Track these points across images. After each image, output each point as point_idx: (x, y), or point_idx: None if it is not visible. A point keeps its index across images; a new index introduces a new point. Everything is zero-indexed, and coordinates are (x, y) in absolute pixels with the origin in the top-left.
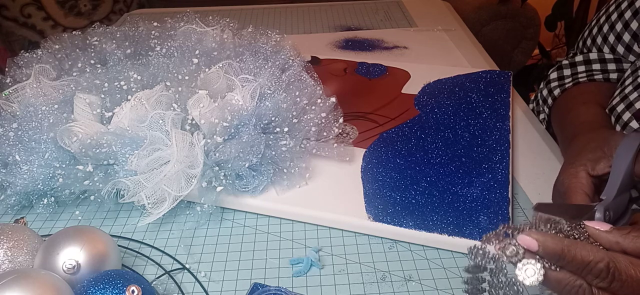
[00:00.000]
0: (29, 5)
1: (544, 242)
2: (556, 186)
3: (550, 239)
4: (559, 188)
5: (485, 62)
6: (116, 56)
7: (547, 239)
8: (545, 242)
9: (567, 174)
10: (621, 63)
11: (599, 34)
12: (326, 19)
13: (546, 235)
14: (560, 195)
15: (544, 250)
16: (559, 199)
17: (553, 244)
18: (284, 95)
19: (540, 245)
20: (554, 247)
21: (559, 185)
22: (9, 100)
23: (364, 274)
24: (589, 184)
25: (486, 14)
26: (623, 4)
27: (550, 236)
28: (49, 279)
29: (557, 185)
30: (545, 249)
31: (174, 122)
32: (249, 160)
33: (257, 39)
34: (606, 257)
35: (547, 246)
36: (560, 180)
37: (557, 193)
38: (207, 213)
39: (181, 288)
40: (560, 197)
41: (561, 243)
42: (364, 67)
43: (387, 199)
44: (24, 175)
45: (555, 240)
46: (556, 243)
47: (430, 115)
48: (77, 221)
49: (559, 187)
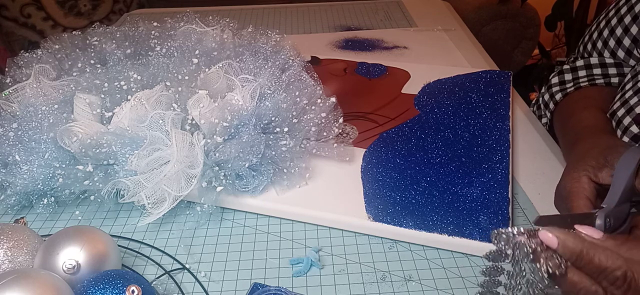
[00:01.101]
0: (29, 5)
1: (564, 241)
2: (558, 190)
3: (571, 238)
4: (561, 192)
5: (485, 62)
6: (116, 56)
7: (568, 238)
8: (566, 241)
9: (569, 179)
10: (622, 67)
11: (600, 38)
12: (326, 19)
13: (568, 233)
14: (562, 199)
15: (564, 248)
16: (561, 203)
17: (573, 243)
18: (284, 95)
19: (560, 243)
20: (573, 247)
21: (561, 189)
22: (9, 100)
23: (364, 274)
24: (591, 189)
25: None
26: (623, 9)
27: (571, 235)
28: (49, 279)
29: (560, 190)
30: (565, 247)
31: (174, 122)
32: (249, 160)
33: (257, 39)
34: (624, 266)
35: (567, 245)
36: (563, 184)
37: (560, 197)
38: (207, 213)
39: (181, 288)
40: (563, 201)
41: (581, 244)
42: (364, 67)
43: (387, 199)
44: (24, 175)
45: (576, 240)
46: (576, 243)
47: (430, 115)
48: (77, 221)
49: (562, 191)
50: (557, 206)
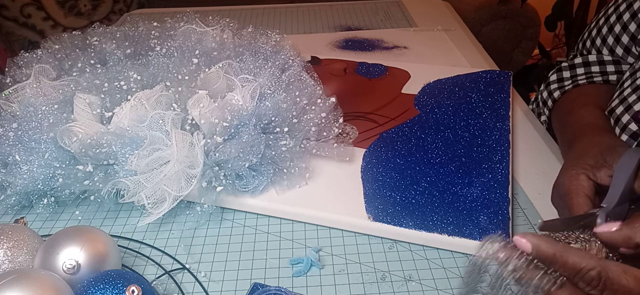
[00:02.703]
0: (29, 5)
1: (537, 246)
2: (556, 187)
3: (544, 243)
4: (559, 189)
5: (485, 62)
6: (116, 56)
7: (541, 243)
8: (539, 246)
9: (567, 176)
10: (620, 65)
11: (598, 36)
12: (326, 19)
13: (541, 238)
14: (560, 197)
15: (537, 253)
16: (559, 200)
17: (546, 247)
18: (284, 95)
19: (534, 248)
20: (546, 251)
21: (559, 187)
22: (9, 100)
23: (364, 274)
24: (590, 187)
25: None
26: (621, 6)
27: (544, 240)
28: (49, 279)
29: (557, 187)
30: (538, 252)
31: (174, 122)
32: (249, 160)
33: (257, 39)
34: (598, 266)
35: (540, 249)
36: (561, 182)
37: (557, 195)
38: (207, 213)
39: (181, 288)
40: (561, 198)
41: (554, 247)
42: (364, 67)
43: (387, 199)
44: (24, 175)
45: (549, 244)
46: (549, 247)
47: (430, 115)
48: (77, 221)
49: (560, 189)
50: (554, 203)
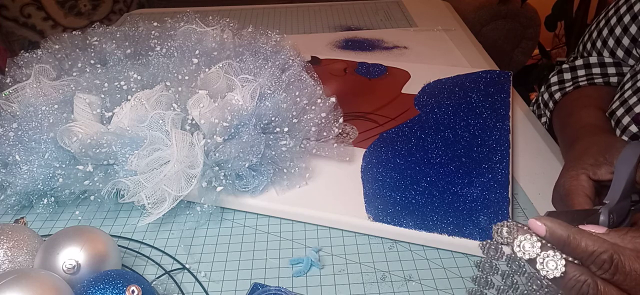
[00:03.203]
0: (29, 5)
1: (551, 228)
2: (556, 189)
3: (558, 226)
4: (559, 191)
5: (485, 62)
6: (116, 56)
7: (555, 225)
8: (553, 228)
9: (567, 177)
10: (621, 67)
11: (599, 37)
12: (326, 19)
13: (555, 221)
14: (560, 197)
15: (551, 235)
16: (559, 202)
17: (560, 230)
18: (284, 95)
19: (547, 230)
20: (560, 234)
21: (560, 188)
22: (9, 100)
23: (364, 274)
24: (590, 187)
25: (486, 14)
26: (622, 8)
27: (559, 223)
28: (49, 279)
29: (558, 188)
30: (552, 234)
31: (174, 122)
32: (249, 160)
33: (257, 39)
34: (610, 249)
35: (554, 232)
36: (561, 183)
37: (558, 196)
38: (207, 213)
39: (181, 288)
40: (561, 199)
41: (567, 230)
42: (364, 67)
43: (387, 199)
44: (24, 175)
45: (563, 227)
46: (563, 230)
47: (430, 115)
48: (77, 221)
49: (560, 190)
50: (555, 204)
